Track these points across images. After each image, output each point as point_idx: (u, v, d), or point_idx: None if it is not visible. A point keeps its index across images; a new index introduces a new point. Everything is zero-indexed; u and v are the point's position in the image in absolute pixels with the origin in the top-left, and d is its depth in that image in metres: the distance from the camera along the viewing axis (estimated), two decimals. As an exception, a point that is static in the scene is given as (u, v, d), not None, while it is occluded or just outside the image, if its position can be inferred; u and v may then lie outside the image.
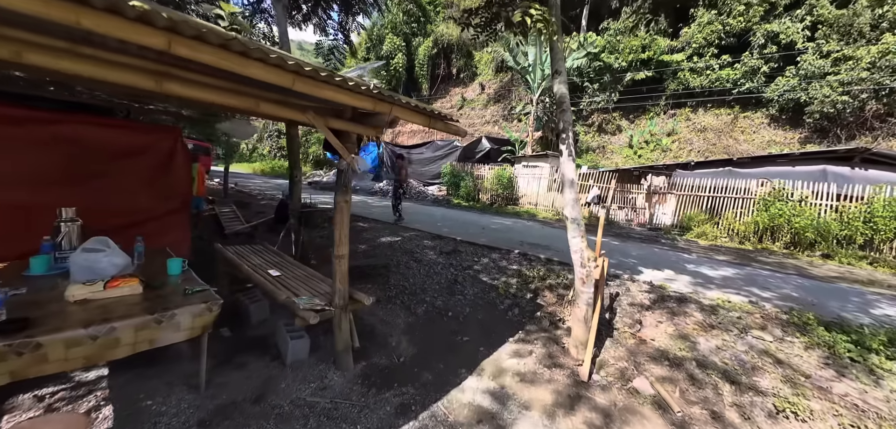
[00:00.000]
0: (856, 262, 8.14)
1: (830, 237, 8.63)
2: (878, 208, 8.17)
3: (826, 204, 9.10)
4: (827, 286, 6.00)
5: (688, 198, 11.04)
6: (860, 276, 7.13)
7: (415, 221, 9.57)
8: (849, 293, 5.66)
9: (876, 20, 15.86)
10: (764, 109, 19.31)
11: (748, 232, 9.65)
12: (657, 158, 19.64)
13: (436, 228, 8.60)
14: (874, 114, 15.82)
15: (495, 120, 26.37)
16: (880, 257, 8.10)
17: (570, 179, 3.60)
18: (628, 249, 7.91)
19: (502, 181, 14.50)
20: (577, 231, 3.53)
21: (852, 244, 8.53)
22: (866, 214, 8.34)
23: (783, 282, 6.01)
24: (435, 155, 19.28)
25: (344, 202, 2.74)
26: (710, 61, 20.03)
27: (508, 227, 9.90)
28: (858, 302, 5.19)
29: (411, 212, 11.49)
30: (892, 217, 8.02)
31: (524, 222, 11.19)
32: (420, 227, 8.55)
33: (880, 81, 14.99)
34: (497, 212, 13.72)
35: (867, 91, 15.25)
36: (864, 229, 8.31)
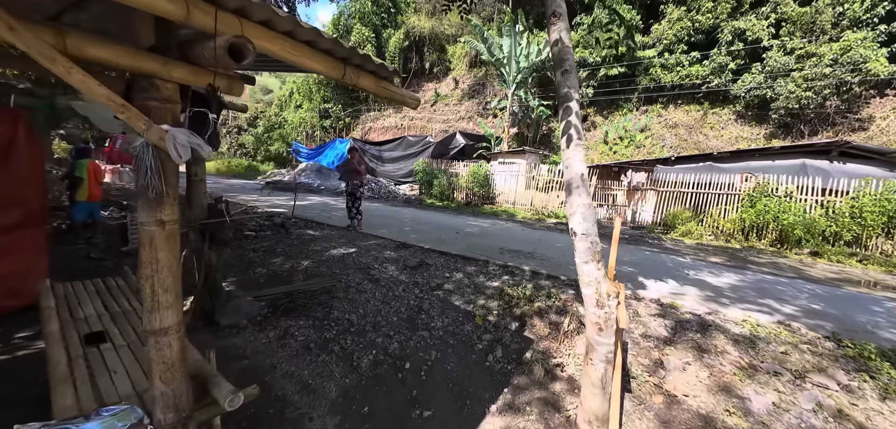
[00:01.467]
0: (845, 259, 7.65)
1: (818, 234, 8.13)
2: (866, 203, 7.71)
3: (811, 199, 8.62)
4: (839, 293, 5.28)
5: (671, 195, 10.38)
6: (856, 275, 6.58)
7: (379, 225, 8.25)
8: (865, 301, 4.93)
9: (836, 18, 16.04)
10: (731, 105, 19.35)
11: (734, 230, 9.05)
12: (631, 154, 19.26)
13: (403, 234, 7.33)
14: (835, 110, 16.02)
15: (470, 116, 25.31)
16: (869, 254, 7.65)
17: (578, 174, 2.43)
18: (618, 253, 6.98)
19: (478, 179, 13.42)
20: (590, 253, 2.39)
21: (839, 241, 8.06)
22: (854, 209, 7.87)
23: (794, 290, 5.22)
24: (407, 152, 17.93)
25: (156, 227, 1.33)
26: (681, 58, 19.85)
27: (485, 230, 8.78)
28: (883, 313, 4.44)
29: (377, 214, 10.14)
30: (880, 212, 7.58)
31: (502, 224, 10.12)
32: (384, 233, 7.25)
33: (842, 77, 15.12)
34: (473, 212, 12.61)
35: (830, 87, 15.36)
36: (852, 225, 7.84)
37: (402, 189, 16.91)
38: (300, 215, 8.57)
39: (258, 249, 5.65)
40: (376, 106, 29.46)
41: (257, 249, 5.64)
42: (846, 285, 5.80)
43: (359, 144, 19.89)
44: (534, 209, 12.51)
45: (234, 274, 4.57)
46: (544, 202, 12.45)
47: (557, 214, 11.76)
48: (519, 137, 20.82)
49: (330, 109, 28.09)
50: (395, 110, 28.71)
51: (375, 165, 18.94)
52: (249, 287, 4.23)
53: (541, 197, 12.78)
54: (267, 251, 5.55)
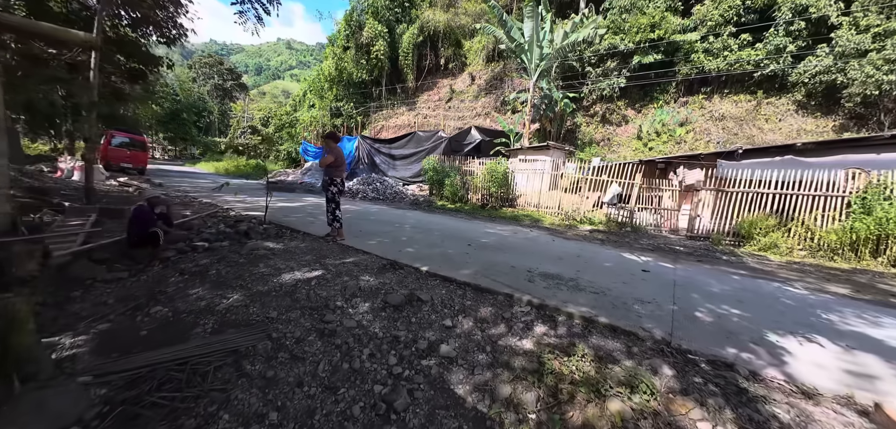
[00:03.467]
0: None
1: (978, 252, 5.69)
2: None
3: (957, 203, 6.17)
4: None
5: (742, 197, 8.05)
6: None
7: (371, 233, 6.42)
8: None
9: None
10: (790, 93, 16.54)
11: (841, 243, 6.68)
12: (670, 151, 16.76)
13: (397, 246, 5.46)
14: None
15: (487, 112, 23.31)
16: None
17: None
18: (696, 280, 4.86)
19: (496, 178, 11.43)
20: None
21: None
22: None
23: None
24: (417, 150, 16.13)
25: None
26: (728, 41, 17.20)
27: (506, 240, 6.79)
28: None
29: (374, 219, 8.33)
30: None
31: (526, 232, 8.09)
32: (372, 245, 5.41)
33: (940, 55, 12.20)
34: (490, 216, 10.62)
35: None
36: None
37: (410, 189, 15.12)
38: (278, 220, 6.87)
39: (186, 270, 3.91)
40: (389, 103, 27.91)
41: (186, 271, 3.89)
42: None
43: (368, 141, 18.26)
44: (562, 213, 10.39)
45: (100, 319, 2.81)
46: (574, 205, 10.32)
47: (592, 220, 9.61)
48: (540, 132, 18.65)
49: (342, 108, 26.74)
50: (408, 108, 27.11)
51: (385, 166, 17.26)
52: (106, 349, 2.45)
53: (570, 199, 10.65)
54: (196, 274, 3.80)
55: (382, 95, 28.19)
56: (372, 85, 27.86)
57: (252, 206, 8.71)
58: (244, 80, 64.71)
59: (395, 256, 4.82)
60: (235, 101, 41.01)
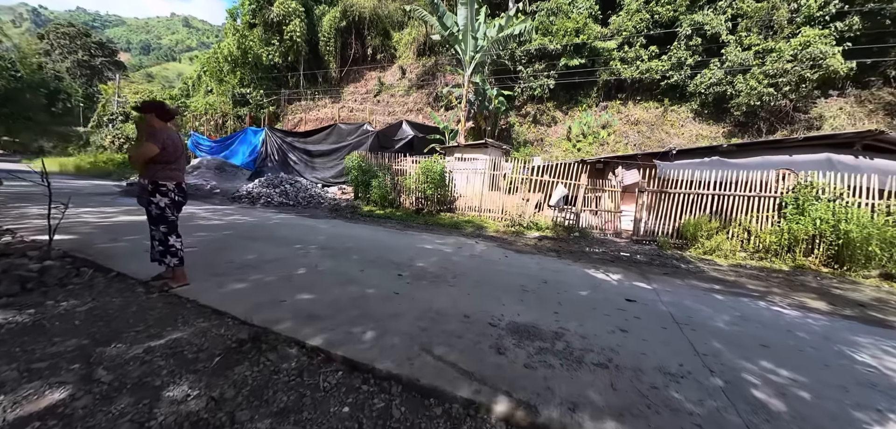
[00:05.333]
0: (939, 286, 5.41)
1: (893, 250, 5.84)
2: (959, 208, 5.53)
3: (867, 202, 6.38)
4: None
5: (685, 198, 7.70)
6: None
7: (246, 264, 4.18)
8: None
9: (792, 14, 15.26)
10: (688, 102, 18.14)
11: (780, 244, 6.54)
12: (596, 152, 17.16)
13: (284, 289, 3.42)
14: (794, 107, 15.22)
15: (419, 107, 21.60)
16: (968, 278, 5.48)
17: None
18: (690, 310, 3.79)
19: (433, 178, 9.77)
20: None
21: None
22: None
23: None
24: (339, 145, 13.65)
25: None
26: (640, 51, 18.25)
27: (449, 261, 5.13)
28: None
29: (264, 238, 5.97)
30: (977, 220, 5.44)
31: (472, 246, 6.55)
32: (237, 293, 3.27)
33: (802, 73, 14.19)
34: (426, 223, 8.91)
35: (790, 83, 14.40)
36: (940, 238, 5.63)
37: (331, 192, 12.64)
38: (90, 248, 4.16)
39: None
40: (309, 94, 24.37)
41: None
42: None
43: (278, 135, 15.04)
44: (507, 217, 9.19)
45: None
46: (519, 208, 9.20)
47: (539, 225, 8.56)
48: (476, 130, 17.63)
49: (249, 95, 22.41)
50: (332, 99, 23.95)
51: (301, 165, 14.32)
52: None
53: (513, 201, 9.52)
54: None
55: (301, 84, 24.50)
56: (287, 71, 23.99)
57: (80, 222, 5.57)
58: (124, 59, 52.38)
59: (272, 313, 2.78)
60: (107, 83, 32.09)
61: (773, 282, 5.35)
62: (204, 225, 6.51)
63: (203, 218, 7.35)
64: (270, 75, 23.49)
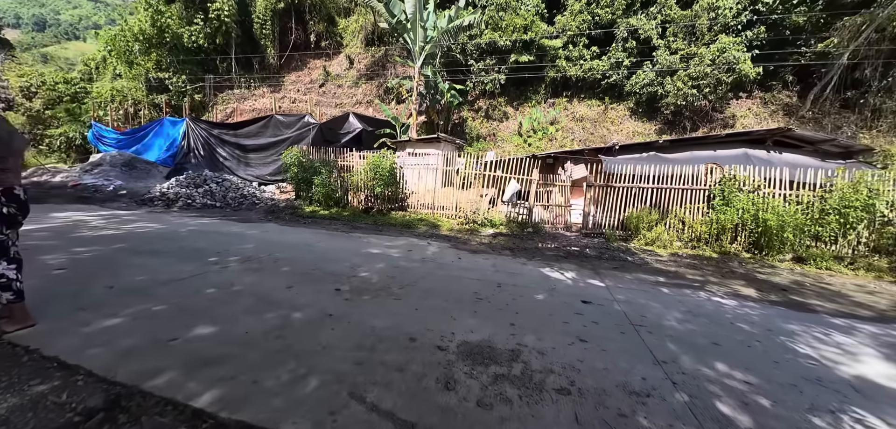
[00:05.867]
0: (835, 265, 6.13)
1: (805, 236, 6.52)
2: (849, 197, 6.31)
3: (780, 193, 7.08)
4: None
5: (628, 192, 7.99)
6: (890, 290, 4.83)
7: (133, 289, 3.32)
8: None
9: (711, 22, 16.88)
10: (625, 101, 19.37)
11: (710, 232, 7.01)
12: (545, 147, 17.65)
13: (177, 324, 2.69)
14: (713, 107, 16.91)
15: (369, 99, 20.54)
16: (857, 257, 6.28)
17: None
18: (643, 307, 3.73)
19: (382, 175, 9.12)
20: None
21: (820, 241, 6.60)
22: (828, 205, 6.43)
23: None
24: (278, 139, 12.33)
25: None
26: (583, 51, 19.08)
27: (397, 268, 4.64)
28: None
29: (167, 252, 4.98)
30: (862, 207, 6.25)
31: (424, 248, 6.11)
32: (106, 332, 2.47)
33: (719, 77, 15.78)
34: (376, 224, 8.27)
35: (710, 85, 15.95)
36: (835, 223, 6.39)
37: (269, 192, 11.38)
38: None
39: None
40: (244, 82, 22.01)
41: None
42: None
43: (203, 126, 13.20)
44: (461, 214, 8.88)
45: None
46: (473, 204, 8.95)
47: (493, 222, 8.37)
48: (428, 124, 17.15)
49: (167, 81, 19.57)
50: (271, 89, 21.89)
51: (233, 161, 12.70)
52: None
53: (467, 197, 9.25)
54: None
55: (234, 70, 22.00)
56: (215, 54, 21.38)
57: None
58: (12, 37, 43.15)
59: (151, 361, 2.08)
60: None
61: (707, 270, 5.64)
62: (89, 238, 5.25)
63: (93, 228, 5.98)
64: (195, 59, 20.73)
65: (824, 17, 15.10)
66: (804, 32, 15.74)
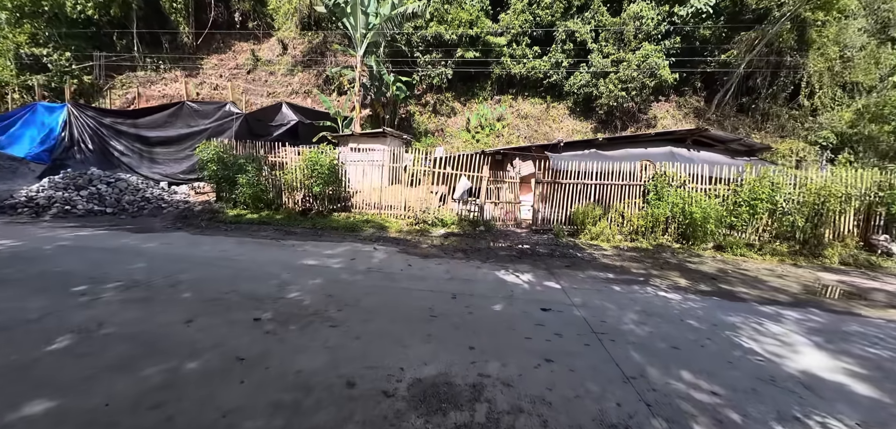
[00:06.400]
0: (747, 252, 6.86)
1: (724, 226, 7.19)
2: (757, 190, 7.09)
3: (701, 188, 7.76)
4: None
5: (573, 188, 8.17)
6: (794, 273, 5.47)
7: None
8: None
9: (636, 30, 18.39)
10: (565, 100, 20.35)
11: (646, 225, 7.43)
12: (493, 143, 17.81)
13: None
14: (638, 107, 18.48)
15: (307, 90, 18.86)
16: (763, 243, 7.09)
17: None
18: (601, 311, 3.61)
19: (320, 173, 8.18)
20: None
21: (734, 230, 7.35)
22: (748, 198, 7.19)
23: (881, 337, 2.94)
24: (192, 130, 10.54)
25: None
26: (526, 50, 19.59)
27: (335, 283, 4.02)
28: None
29: (17, 280, 3.76)
30: (766, 199, 7.06)
31: (369, 254, 5.50)
32: None
33: (643, 81, 17.27)
34: (315, 228, 7.38)
35: (636, 88, 17.39)
36: (746, 214, 7.15)
37: (181, 193, 9.68)
38: None
39: None
40: (150, 63, 18.79)
41: None
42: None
43: (90, 114, 10.78)
44: (410, 214, 8.35)
45: None
46: (423, 203, 8.48)
47: (444, 221, 8.00)
48: (373, 117, 16.22)
49: (46, 58, 15.86)
50: (187, 73, 19.02)
51: (134, 157, 10.54)
52: None
53: (416, 195, 8.75)
54: None
55: (137, 49, 18.62)
56: (110, 28, 17.87)
57: None
58: None
59: None
60: None
61: (647, 263, 5.89)
62: None
63: None
64: (82, 33, 17.08)
65: (726, 31, 17.29)
66: (710, 44, 17.88)
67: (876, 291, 4.86)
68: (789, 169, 7.52)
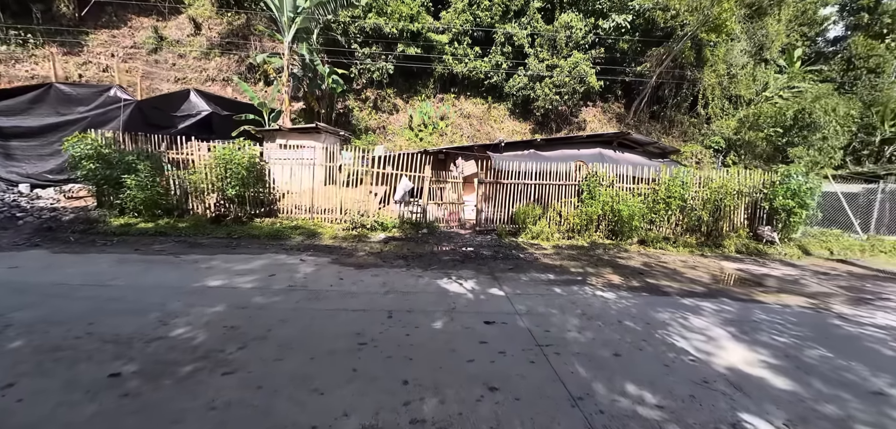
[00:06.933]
0: (665, 245, 7.52)
1: (644, 222, 7.78)
2: (672, 188, 7.80)
3: (628, 187, 8.34)
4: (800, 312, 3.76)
5: (514, 188, 8.21)
6: (703, 263, 6.07)
7: None
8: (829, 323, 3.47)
9: (567, 39, 19.58)
10: (505, 102, 20.94)
11: (581, 223, 7.74)
12: (436, 142, 17.57)
13: None
14: (570, 111, 19.73)
15: (227, 78, 16.65)
16: (677, 237, 7.83)
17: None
18: (544, 318, 3.47)
19: (237, 172, 7.04)
20: None
21: (653, 226, 8.02)
22: (664, 196, 7.87)
23: (789, 324, 3.25)
24: (63, 118, 8.42)
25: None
26: (467, 50, 19.71)
27: (244, 310, 3.31)
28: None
29: None
30: (678, 197, 7.82)
31: (293, 268, 4.79)
32: None
33: (574, 86, 18.46)
34: (230, 238, 6.31)
35: (568, 93, 18.53)
36: (663, 210, 7.84)
37: (48, 197, 7.68)
38: None
39: None
40: (18, 32, 14.97)
41: None
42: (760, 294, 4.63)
43: None
44: (348, 217, 7.63)
45: None
46: (361, 205, 7.82)
47: (385, 225, 7.44)
48: (307, 112, 14.87)
49: None
50: (64, 49, 15.53)
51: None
52: None
53: (353, 196, 8.05)
54: None
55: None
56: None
57: None
58: None
59: None
60: None
61: (583, 260, 6.06)
62: None
63: None
64: None
65: (640, 45, 19.23)
66: (628, 56, 19.75)
67: (767, 277, 5.57)
68: (695, 170, 8.42)
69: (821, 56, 22.27)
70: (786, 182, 7.69)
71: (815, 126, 12.93)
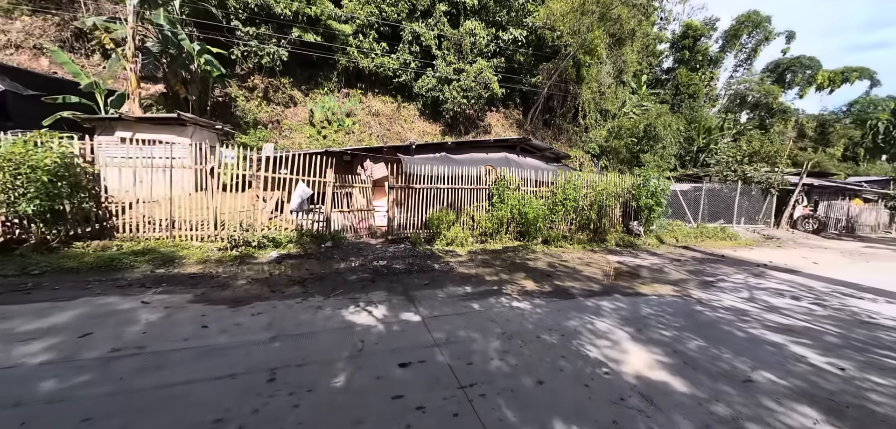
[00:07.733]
0: (564, 243, 8.21)
1: (546, 223, 8.35)
2: (567, 191, 8.56)
3: (532, 190, 8.87)
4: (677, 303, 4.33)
5: (427, 193, 7.86)
6: (594, 258, 6.75)
7: None
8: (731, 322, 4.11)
9: (472, 45, 20.32)
10: (415, 102, 20.68)
11: (493, 228, 7.87)
12: (343, 141, 16.16)
13: None
14: (477, 115, 20.58)
15: (37, 45, 12.15)
16: (572, 234, 8.63)
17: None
18: (464, 347, 3.15)
19: (33, 177, 4.88)
20: None
21: (553, 226, 8.68)
22: (562, 198, 8.58)
23: (668, 315, 3.66)
24: None
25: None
26: (373, 44, 18.73)
27: (14, 401, 2.03)
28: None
29: None
30: (572, 199, 8.63)
31: (124, 319, 3.42)
32: None
33: (479, 91, 19.30)
34: (27, 273, 4.29)
35: (474, 98, 19.27)
36: (561, 211, 8.55)
37: None
38: None
39: None
40: None
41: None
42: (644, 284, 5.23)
43: None
44: (225, 235, 6.09)
45: None
46: (245, 216, 6.36)
47: (278, 240, 6.19)
48: (170, 97, 11.83)
49: None
50: None
51: None
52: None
53: (234, 206, 6.52)
54: None
55: None
56: None
57: None
58: None
59: None
60: None
61: (496, 265, 6.07)
62: None
63: None
64: None
65: (534, 59, 21.23)
66: (524, 68, 21.60)
67: (641, 268, 6.46)
68: (581, 173, 9.46)
69: (658, 82, 28.36)
70: (646, 185, 9.24)
71: (657, 137, 16.20)
